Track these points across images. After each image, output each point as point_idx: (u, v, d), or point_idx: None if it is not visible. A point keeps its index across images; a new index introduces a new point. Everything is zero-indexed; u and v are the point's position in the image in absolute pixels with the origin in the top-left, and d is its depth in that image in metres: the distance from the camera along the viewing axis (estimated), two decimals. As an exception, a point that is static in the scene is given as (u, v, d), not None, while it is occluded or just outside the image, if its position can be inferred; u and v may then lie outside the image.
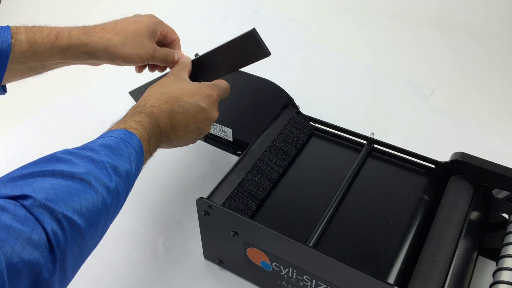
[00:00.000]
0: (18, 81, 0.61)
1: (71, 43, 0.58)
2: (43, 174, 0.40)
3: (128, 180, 0.47)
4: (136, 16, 0.64)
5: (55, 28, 0.58)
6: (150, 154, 0.53)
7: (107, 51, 0.60)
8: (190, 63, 0.66)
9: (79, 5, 1.28)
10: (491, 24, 1.18)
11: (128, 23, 0.61)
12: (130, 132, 0.49)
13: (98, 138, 0.49)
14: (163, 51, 0.65)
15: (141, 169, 0.51)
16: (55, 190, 0.39)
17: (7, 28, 0.55)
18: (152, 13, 0.66)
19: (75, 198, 0.40)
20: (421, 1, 1.26)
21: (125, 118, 0.53)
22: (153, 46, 0.63)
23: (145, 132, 0.51)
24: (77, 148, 0.46)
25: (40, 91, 1.02)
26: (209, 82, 0.63)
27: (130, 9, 0.68)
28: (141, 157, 0.50)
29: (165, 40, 0.67)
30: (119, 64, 0.63)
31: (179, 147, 0.61)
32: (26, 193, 0.37)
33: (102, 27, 0.60)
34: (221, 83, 0.64)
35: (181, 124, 0.57)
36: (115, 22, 0.61)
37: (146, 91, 0.59)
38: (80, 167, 0.42)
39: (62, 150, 0.45)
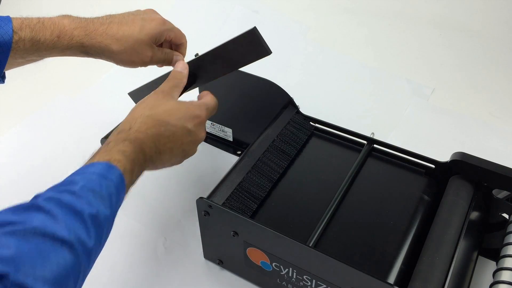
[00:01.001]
0: (18, 82, 0.61)
1: (72, 44, 0.58)
2: (25, 233, 0.38)
3: (107, 226, 0.45)
4: (144, 18, 0.62)
5: (58, 26, 0.57)
6: (133, 183, 0.51)
7: (104, 55, 0.60)
8: (185, 77, 0.62)
9: (80, 5, 1.28)
10: (491, 24, 1.18)
11: (133, 29, 0.60)
12: (112, 167, 0.47)
13: (80, 173, 0.46)
14: (161, 55, 0.64)
15: (121, 204, 0.49)
16: (34, 258, 0.37)
17: (9, 20, 0.55)
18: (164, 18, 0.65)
19: (53, 266, 0.38)
20: (421, 1, 1.26)
21: (108, 146, 0.50)
22: (151, 54, 0.62)
23: (129, 163, 0.49)
24: (58, 190, 0.44)
25: (40, 91, 1.02)
26: (198, 101, 0.60)
27: (130, 9, 0.67)
28: (122, 193, 0.48)
29: (170, 43, 0.67)
30: (115, 64, 0.63)
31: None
32: (4, 272, 0.35)
33: (105, 29, 0.59)
34: (210, 102, 0.61)
35: (167, 148, 0.55)
36: (120, 24, 0.60)
37: (132, 111, 0.56)
38: (61, 225, 0.40)
39: (43, 194, 0.43)
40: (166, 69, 0.75)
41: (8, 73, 0.60)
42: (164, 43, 0.68)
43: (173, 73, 0.62)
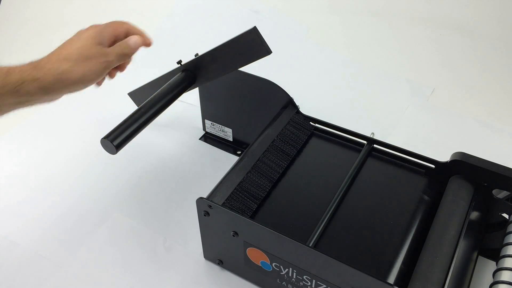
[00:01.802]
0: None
1: (23, 78, 0.54)
2: None
3: None
4: (77, 33, 0.59)
5: (5, 66, 0.54)
6: None
7: (61, 81, 0.56)
8: None
9: (79, 5, 1.28)
10: (491, 25, 1.19)
11: (72, 43, 0.57)
12: None
13: None
14: (117, 48, 0.59)
15: None
16: None
17: None
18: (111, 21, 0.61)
19: None
20: (422, 1, 1.26)
21: None
22: (105, 51, 0.58)
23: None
24: None
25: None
26: None
27: (130, 9, 0.67)
28: None
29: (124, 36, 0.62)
30: (80, 90, 0.59)
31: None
32: None
33: (49, 57, 0.56)
34: None
35: None
36: (61, 47, 0.57)
37: None
38: None
39: None
40: (166, 69, 0.76)
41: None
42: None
43: None
